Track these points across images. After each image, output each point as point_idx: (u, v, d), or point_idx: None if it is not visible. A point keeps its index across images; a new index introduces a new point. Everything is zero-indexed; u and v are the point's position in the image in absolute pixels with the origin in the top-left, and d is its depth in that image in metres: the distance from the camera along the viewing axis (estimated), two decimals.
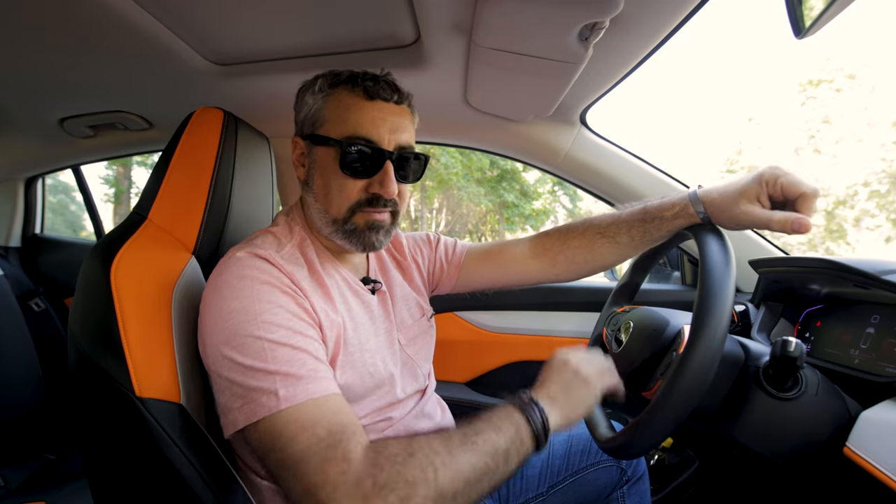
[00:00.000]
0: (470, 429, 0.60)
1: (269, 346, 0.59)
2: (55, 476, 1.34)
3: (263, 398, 0.57)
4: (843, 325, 0.87)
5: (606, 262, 0.90)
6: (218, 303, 0.63)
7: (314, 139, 0.74)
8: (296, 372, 0.59)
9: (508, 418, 0.62)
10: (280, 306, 0.63)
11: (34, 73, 1.07)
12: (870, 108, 14.13)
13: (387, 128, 0.72)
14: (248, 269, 0.65)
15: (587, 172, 1.26)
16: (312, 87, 0.76)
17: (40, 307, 1.61)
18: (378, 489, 0.51)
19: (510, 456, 0.59)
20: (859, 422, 0.66)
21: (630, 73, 0.95)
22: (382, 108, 0.72)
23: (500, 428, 0.60)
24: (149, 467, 0.66)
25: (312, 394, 0.58)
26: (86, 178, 1.84)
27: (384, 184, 0.71)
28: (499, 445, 0.58)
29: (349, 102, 0.72)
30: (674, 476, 1.22)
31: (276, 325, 0.61)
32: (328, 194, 0.73)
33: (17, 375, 1.40)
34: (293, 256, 0.72)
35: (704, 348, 0.58)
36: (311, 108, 0.75)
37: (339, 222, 0.73)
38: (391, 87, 0.74)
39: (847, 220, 14.03)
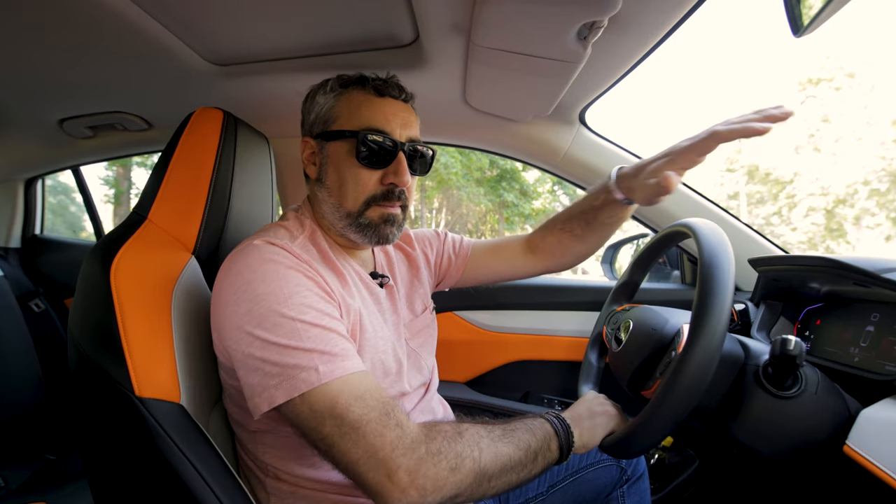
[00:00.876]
0: (509, 425, 0.66)
1: (302, 327, 0.61)
2: (55, 476, 1.34)
3: (303, 374, 0.59)
4: (843, 323, 0.87)
5: (577, 252, 1.00)
6: (242, 287, 0.64)
7: (326, 136, 0.77)
8: (330, 350, 0.61)
9: (541, 426, 0.67)
10: (308, 289, 0.64)
11: (33, 73, 1.07)
12: (869, 107, 14.15)
13: (398, 122, 0.75)
14: (270, 254, 0.66)
15: (587, 171, 1.26)
16: (324, 88, 0.79)
17: (40, 308, 1.61)
18: (432, 455, 0.57)
19: (538, 458, 0.64)
20: (859, 420, 0.66)
21: (629, 71, 0.95)
22: (392, 104, 0.77)
23: (533, 431, 0.66)
24: (148, 467, 0.66)
25: (348, 370, 0.60)
26: (85, 178, 1.84)
27: (399, 173, 0.74)
28: (531, 445, 0.64)
29: (361, 99, 0.76)
30: (674, 475, 1.22)
31: (306, 307, 0.62)
32: (343, 187, 0.75)
33: (18, 376, 1.40)
34: (306, 247, 0.74)
35: (703, 347, 0.58)
36: (323, 107, 0.78)
37: (353, 216, 0.75)
38: (398, 87, 0.78)
39: (847, 218, 14.05)
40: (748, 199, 16.39)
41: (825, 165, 14.55)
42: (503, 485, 0.61)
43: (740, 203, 16.30)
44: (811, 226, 14.67)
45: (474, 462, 0.58)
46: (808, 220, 14.74)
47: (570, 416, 0.72)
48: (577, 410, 0.74)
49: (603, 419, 0.74)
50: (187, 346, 0.72)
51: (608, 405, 0.77)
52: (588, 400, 0.78)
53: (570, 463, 0.96)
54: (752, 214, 16.03)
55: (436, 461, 0.56)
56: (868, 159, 13.72)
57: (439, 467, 0.56)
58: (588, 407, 0.75)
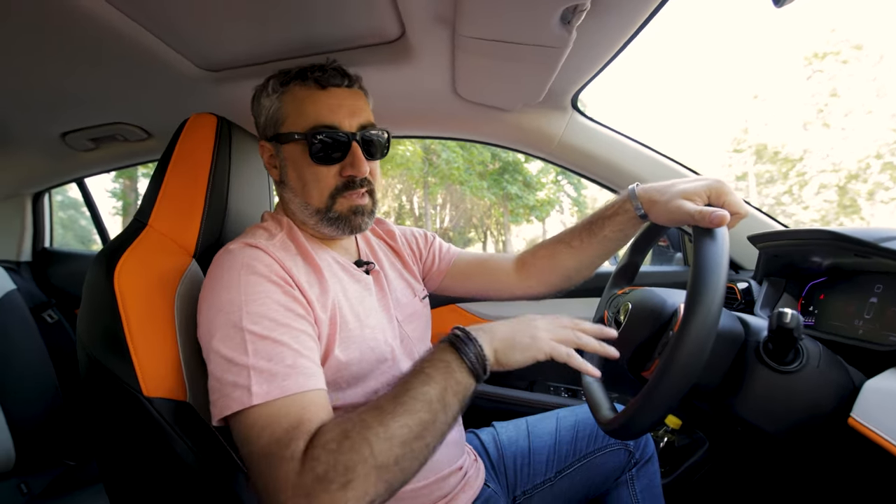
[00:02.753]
0: (401, 387, 0.59)
1: (250, 338, 0.61)
2: (76, 481, 1.37)
3: (236, 393, 0.59)
4: (847, 296, 0.86)
5: (566, 267, 0.93)
6: (208, 296, 0.66)
7: (279, 138, 0.77)
8: (271, 368, 0.59)
9: (439, 361, 0.60)
10: (266, 296, 0.64)
11: (32, 88, 1.09)
12: (878, 79, 13.83)
13: (345, 112, 0.75)
14: (238, 259, 0.67)
15: (583, 157, 1.26)
16: (266, 90, 0.79)
17: (53, 319, 1.65)
18: (319, 482, 0.52)
19: (447, 400, 0.59)
20: (863, 392, 0.65)
21: (618, 53, 0.94)
22: (337, 94, 0.76)
23: (430, 376, 0.59)
24: (159, 465, 0.68)
25: (285, 390, 0.59)
26: (91, 191, 1.88)
27: (355, 164, 0.75)
28: (431, 396, 0.58)
29: (304, 95, 0.76)
30: (684, 458, 1.22)
31: (259, 316, 0.62)
32: (305, 186, 0.76)
33: (35, 386, 1.44)
34: (284, 244, 0.75)
35: (699, 324, 0.58)
36: (269, 109, 0.78)
37: (322, 211, 0.77)
38: (340, 73, 0.77)
39: (860, 194, 13.77)
40: (757, 180, 16.15)
41: (835, 141, 14.28)
42: (419, 454, 0.56)
43: (749, 184, 16.07)
44: (823, 203, 14.41)
45: (366, 464, 0.53)
46: (820, 198, 14.48)
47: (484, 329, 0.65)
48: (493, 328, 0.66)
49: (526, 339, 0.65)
50: (191, 346, 0.73)
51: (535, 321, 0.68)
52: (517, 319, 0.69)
53: (577, 448, 0.97)
54: (761, 195, 15.80)
55: (325, 486, 0.52)
56: (879, 132, 13.44)
57: (331, 492, 0.51)
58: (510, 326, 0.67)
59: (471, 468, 0.87)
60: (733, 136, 17.02)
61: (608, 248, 0.89)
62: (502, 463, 0.96)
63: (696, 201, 0.71)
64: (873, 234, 0.74)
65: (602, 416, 0.75)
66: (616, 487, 0.97)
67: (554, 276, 0.95)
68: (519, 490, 0.94)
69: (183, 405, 0.69)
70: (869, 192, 13.65)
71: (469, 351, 0.61)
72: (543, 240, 0.99)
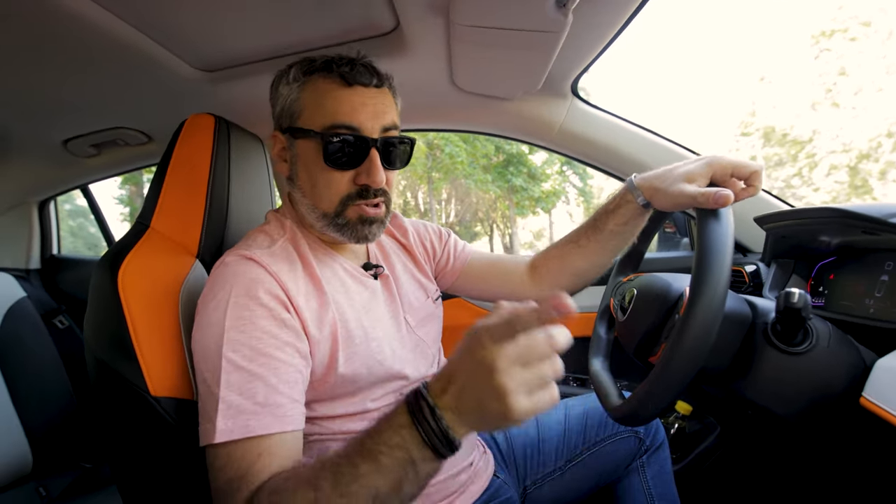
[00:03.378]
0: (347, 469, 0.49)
1: (226, 367, 0.59)
2: (93, 483, 1.40)
3: (207, 425, 0.59)
4: (857, 275, 0.84)
5: (576, 267, 0.92)
6: (200, 312, 0.66)
7: (294, 132, 0.72)
8: (240, 403, 0.58)
9: (397, 448, 0.47)
10: (252, 321, 0.62)
11: (31, 95, 1.10)
12: (888, 56, 13.55)
13: (368, 113, 0.69)
14: (230, 276, 0.65)
15: (585, 144, 1.25)
16: (286, 77, 0.72)
17: (64, 324, 1.68)
18: None
19: (402, 488, 0.48)
20: (875, 370, 0.64)
21: (616, 36, 0.93)
22: (362, 93, 0.69)
23: (383, 467, 0.47)
24: (169, 464, 0.69)
25: (249, 431, 0.57)
26: (96, 197, 1.89)
27: (371, 174, 0.69)
28: (382, 490, 0.47)
29: (326, 89, 0.69)
30: (696, 443, 1.21)
31: (240, 344, 0.61)
32: (315, 189, 0.72)
33: (49, 391, 1.46)
34: (284, 252, 0.72)
35: (704, 307, 0.57)
36: (287, 98, 0.72)
37: (329, 216, 0.72)
38: (369, 70, 0.71)
39: (872, 174, 13.54)
40: (766, 163, 15.92)
41: (845, 120, 14.02)
42: None
43: None
44: (834, 184, 14.19)
45: None
46: (831, 179, 14.25)
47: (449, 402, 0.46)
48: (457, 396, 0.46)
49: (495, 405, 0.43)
50: None
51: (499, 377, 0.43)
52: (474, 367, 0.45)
53: (587, 437, 0.96)
54: (771, 178, 15.56)
55: None
56: (890, 110, 13.18)
57: None
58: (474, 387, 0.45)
59: (480, 460, 0.87)
60: (740, 120, 16.77)
61: (617, 242, 0.87)
62: (512, 453, 0.96)
63: (698, 182, 0.69)
64: (881, 210, 0.72)
65: (610, 403, 0.75)
66: (627, 475, 0.97)
67: (565, 277, 0.93)
68: (529, 480, 0.94)
69: (190, 404, 0.70)
70: (881, 172, 13.41)
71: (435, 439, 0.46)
72: (553, 242, 0.96)
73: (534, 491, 0.93)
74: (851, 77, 14.16)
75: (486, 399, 0.44)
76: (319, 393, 0.70)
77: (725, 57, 26.45)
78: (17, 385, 1.36)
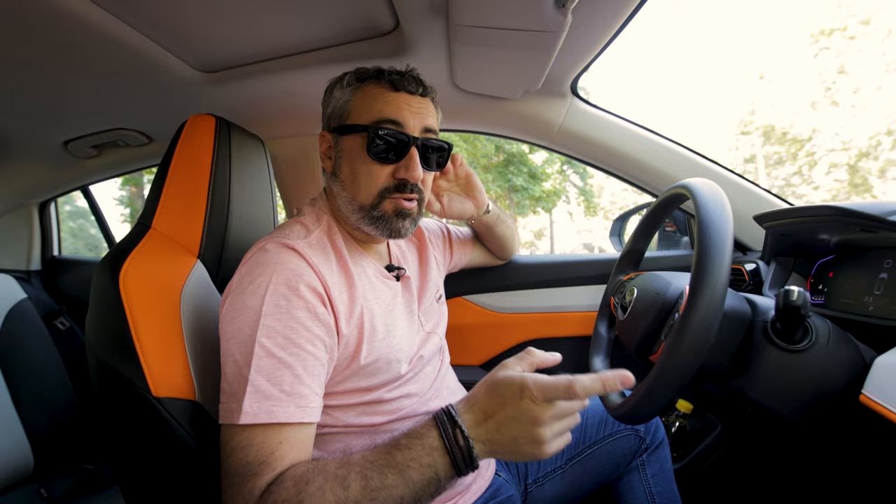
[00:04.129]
0: (375, 473, 0.54)
1: (258, 352, 0.61)
2: (94, 484, 1.40)
3: (233, 404, 0.60)
4: (856, 273, 0.84)
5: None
6: (235, 295, 0.66)
7: (341, 130, 0.77)
8: (267, 389, 0.60)
9: (427, 467, 0.54)
10: (288, 311, 0.64)
11: (32, 97, 1.11)
12: (887, 54, 13.54)
13: (411, 113, 0.75)
14: (271, 263, 0.66)
15: (584, 144, 1.25)
16: (341, 83, 0.79)
17: (65, 326, 1.68)
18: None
19: (422, 500, 0.55)
20: (874, 368, 0.64)
21: (616, 35, 0.93)
22: (407, 98, 0.76)
23: (410, 480, 0.54)
24: (171, 464, 0.69)
25: (273, 417, 0.59)
26: (97, 199, 1.89)
27: (410, 168, 0.74)
28: (404, 498, 0.54)
29: (375, 92, 0.75)
30: (696, 442, 1.21)
31: (275, 332, 0.62)
32: (356, 180, 0.75)
33: (50, 392, 1.46)
34: (321, 243, 0.74)
35: (704, 305, 0.57)
36: (339, 101, 0.78)
37: (366, 208, 0.75)
38: (416, 80, 0.77)
39: (871, 172, 13.54)
40: (766, 161, 15.92)
41: (845, 118, 14.02)
42: None
43: (758, 166, 15.85)
44: (834, 183, 14.19)
45: None
46: (831, 178, 14.26)
47: (482, 435, 0.55)
48: (492, 430, 0.56)
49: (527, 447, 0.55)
50: (199, 346, 0.74)
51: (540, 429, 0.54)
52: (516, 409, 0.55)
53: (587, 435, 0.97)
54: (770, 176, 15.58)
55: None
56: (889, 108, 13.17)
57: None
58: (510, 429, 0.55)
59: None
60: (740, 118, 16.77)
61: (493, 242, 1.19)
62: None
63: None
64: (880, 208, 0.72)
65: (610, 401, 0.75)
66: (627, 473, 0.97)
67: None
68: (530, 478, 0.94)
69: (192, 404, 0.70)
70: (880, 170, 13.42)
71: (460, 459, 0.54)
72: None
73: (535, 489, 0.94)
74: (851, 75, 14.17)
75: (522, 442, 0.55)
76: (338, 383, 0.72)
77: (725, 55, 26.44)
78: (18, 386, 1.37)
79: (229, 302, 0.66)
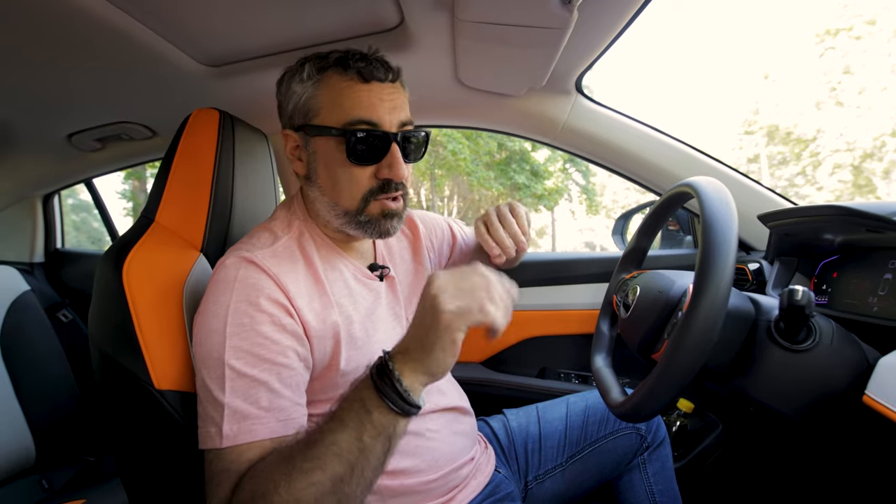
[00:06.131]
0: (314, 434, 0.55)
1: (230, 374, 0.60)
2: (96, 476, 1.41)
3: (211, 429, 0.60)
4: (861, 274, 0.84)
5: None
6: (200, 317, 0.65)
7: (310, 129, 0.71)
8: (245, 409, 0.59)
9: (354, 401, 0.55)
10: (252, 328, 0.62)
11: (36, 91, 1.10)
12: (893, 54, 13.46)
13: (386, 108, 0.69)
14: (229, 281, 0.65)
15: (588, 142, 1.24)
16: (300, 75, 0.71)
17: (68, 318, 1.68)
18: None
19: (365, 445, 0.53)
20: (878, 368, 0.64)
21: (621, 33, 0.93)
22: (379, 89, 0.70)
23: (341, 422, 0.54)
24: (173, 456, 0.69)
25: (254, 435, 0.59)
26: (100, 191, 1.90)
27: (393, 167, 0.69)
28: (342, 446, 0.53)
29: (343, 86, 0.69)
30: (698, 441, 1.21)
31: (242, 351, 0.61)
32: (336, 186, 0.71)
33: (52, 384, 1.47)
34: (287, 251, 0.71)
35: (707, 304, 0.57)
36: (301, 96, 0.71)
37: (351, 213, 0.72)
38: (384, 65, 0.71)
39: (876, 173, 13.47)
40: (769, 161, 15.87)
41: (849, 119, 13.94)
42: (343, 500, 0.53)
43: (761, 166, 15.80)
44: (838, 183, 14.13)
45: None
46: (835, 178, 14.20)
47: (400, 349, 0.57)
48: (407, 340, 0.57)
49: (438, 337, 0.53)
50: None
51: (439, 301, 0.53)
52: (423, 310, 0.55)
53: (587, 434, 0.97)
54: (774, 177, 15.52)
55: None
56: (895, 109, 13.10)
57: None
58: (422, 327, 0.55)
59: (481, 455, 0.88)
60: (744, 118, 16.70)
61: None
62: (513, 449, 0.97)
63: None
64: (885, 209, 0.72)
65: (612, 399, 0.75)
66: (628, 471, 0.97)
67: None
68: (531, 475, 0.95)
69: (194, 397, 0.70)
70: (884, 171, 13.35)
71: (386, 387, 0.54)
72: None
73: (535, 486, 0.94)
74: (856, 76, 14.08)
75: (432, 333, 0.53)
76: (319, 391, 0.71)
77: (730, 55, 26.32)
78: (20, 378, 1.37)
79: (197, 325, 0.65)
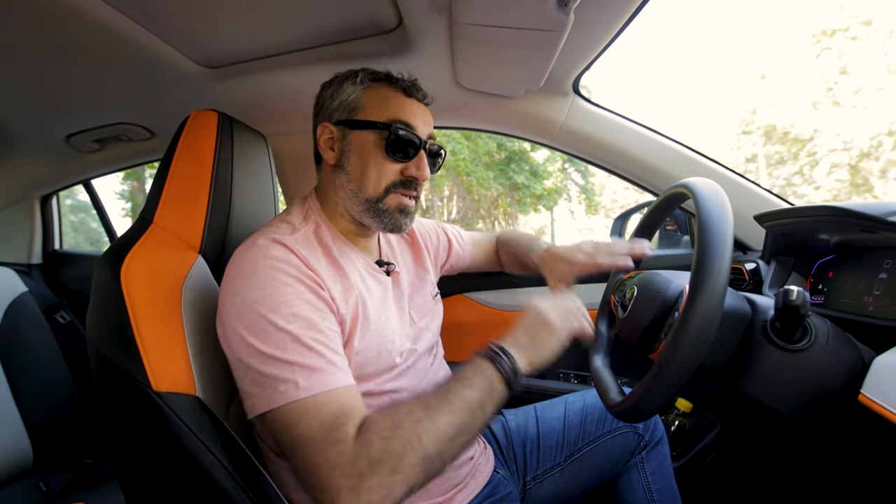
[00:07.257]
0: (445, 389, 0.65)
1: (289, 338, 0.63)
2: (94, 478, 1.40)
3: (282, 386, 0.61)
4: (856, 273, 0.85)
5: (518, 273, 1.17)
6: (239, 290, 0.66)
7: (353, 123, 0.78)
8: (312, 364, 0.62)
9: (480, 371, 0.67)
10: (298, 297, 0.66)
11: (35, 91, 1.10)
12: (889, 54, 13.52)
13: (421, 120, 0.80)
14: (266, 258, 0.67)
15: (585, 143, 1.25)
16: (353, 78, 0.81)
17: (66, 319, 1.67)
18: (371, 465, 0.57)
19: (485, 405, 0.65)
20: (873, 367, 0.64)
21: (618, 34, 0.93)
22: (417, 105, 0.81)
23: (472, 383, 0.66)
24: (171, 459, 0.69)
25: (328, 385, 0.62)
26: (98, 192, 1.89)
27: (420, 167, 0.78)
28: (472, 399, 0.64)
29: (389, 94, 0.79)
30: (696, 440, 1.22)
31: (294, 317, 0.64)
32: (365, 174, 0.77)
33: (50, 386, 1.46)
34: (307, 240, 0.75)
35: (704, 303, 0.57)
36: (351, 95, 0.80)
37: (372, 201, 0.78)
38: (422, 90, 0.83)
39: (872, 172, 13.53)
40: (767, 161, 15.91)
41: (846, 119, 14.00)
42: (455, 451, 0.63)
43: (759, 165, 15.83)
44: (835, 183, 14.18)
45: (415, 453, 0.58)
46: (832, 178, 14.24)
47: (511, 341, 0.71)
48: (517, 336, 0.73)
49: (546, 336, 0.73)
50: (200, 342, 0.74)
51: (548, 316, 0.75)
52: (531, 318, 0.76)
53: (585, 433, 0.97)
54: (772, 176, 15.57)
55: (376, 469, 0.56)
56: (891, 109, 13.15)
57: (381, 475, 0.56)
58: (531, 328, 0.74)
59: (480, 455, 0.88)
60: (741, 118, 16.74)
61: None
62: (511, 449, 0.97)
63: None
64: (880, 209, 0.72)
65: (610, 399, 0.75)
66: (626, 471, 0.97)
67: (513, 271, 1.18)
68: (529, 475, 0.95)
69: (192, 399, 0.70)
70: (881, 171, 13.41)
71: (504, 364, 0.68)
72: (508, 241, 1.16)
73: (533, 486, 0.94)
74: (852, 76, 14.14)
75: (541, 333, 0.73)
76: None
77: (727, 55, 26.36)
78: (18, 380, 1.37)
79: (229, 298, 0.66)
